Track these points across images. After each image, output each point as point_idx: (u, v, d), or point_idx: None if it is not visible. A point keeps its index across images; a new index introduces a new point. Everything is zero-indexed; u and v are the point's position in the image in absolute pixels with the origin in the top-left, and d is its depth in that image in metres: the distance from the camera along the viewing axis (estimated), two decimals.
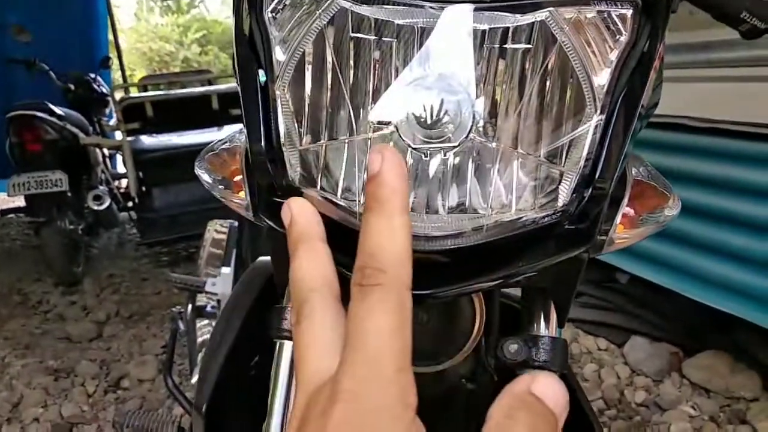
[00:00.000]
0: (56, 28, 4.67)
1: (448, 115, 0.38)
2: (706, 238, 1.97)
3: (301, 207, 0.38)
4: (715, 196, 1.94)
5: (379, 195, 0.32)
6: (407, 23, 0.38)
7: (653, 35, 0.41)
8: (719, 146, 1.95)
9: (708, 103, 2.02)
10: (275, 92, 0.41)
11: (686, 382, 2.09)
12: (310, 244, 0.36)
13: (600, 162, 0.40)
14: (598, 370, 2.20)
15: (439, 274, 0.41)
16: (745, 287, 1.83)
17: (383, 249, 0.32)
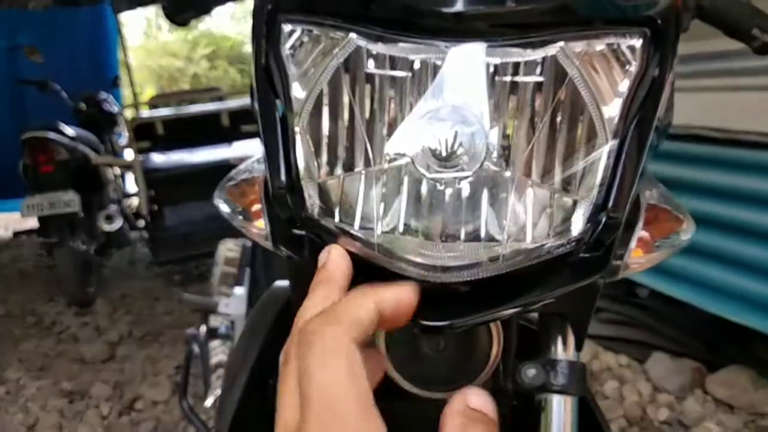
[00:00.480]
0: (67, 49, 4.72)
1: (462, 147, 0.38)
2: (724, 250, 1.94)
3: (338, 256, 0.40)
4: (735, 207, 1.91)
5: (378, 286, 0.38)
6: (422, 59, 0.39)
7: (663, 62, 0.42)
8: (738, 157, 1.92)
9: (726, 113, 2.00)
10: (294, 128, 0.42)
11: (709, 399, 2.05)
12: (328, 288, 0.38)
13: (613, 191, 0.41)
14: (619, 388, 2.16)
15: (456, 305, 0.41)
16: (763, 300, 1.79)
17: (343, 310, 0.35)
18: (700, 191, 2.03)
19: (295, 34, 0.42)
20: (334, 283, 0.39)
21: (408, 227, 0.41)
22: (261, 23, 0.44)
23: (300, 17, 0.42)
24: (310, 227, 0.44)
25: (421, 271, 0.40)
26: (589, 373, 2.26)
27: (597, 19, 0.40)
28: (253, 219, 0.52)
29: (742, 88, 1.98)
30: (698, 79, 2.08)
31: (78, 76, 4.56)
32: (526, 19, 0.38)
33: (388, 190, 0.41)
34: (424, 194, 0.40)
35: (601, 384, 2.19)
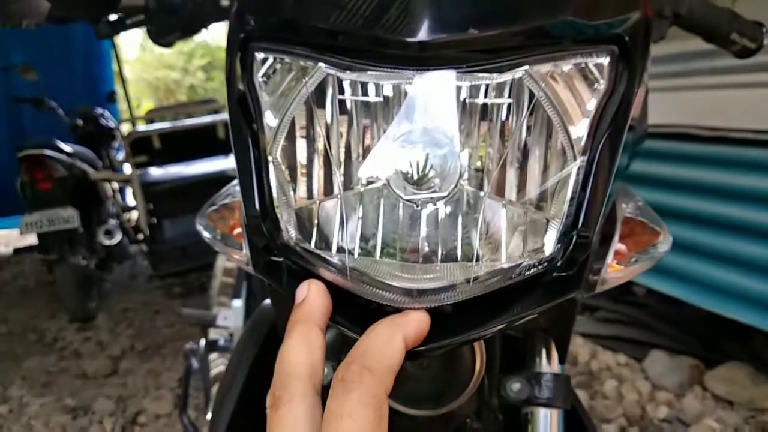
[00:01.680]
0: (62, 66, 4.75)
1: (434, 169, 0.39)
2: (718, 248, 1.95)
3: (316, 292, 0.40)
4: (726, 205, 1.92)
5: (399, 317, 0.38)
6: (392, 84, 0.39)
7: (631, 79, 0.42)
8: (728, 155, 1.93)
9: (715, 111, 2.01)
10: (267, 156, 0.43)
11: (708, 395, 2.05)
12: (307, 327, 0.38)
13: (582, 209, 0.41)
14: (618, 387, 2.17)
15: (434, 328, 0.41)
16: (759, 297, 1.81)
17: (378, 352, 0.34)
18: (692, 189, 2.04)
19: (267, 62, 0.43)
20: (312, 323, 0.39)
21: (385, 249, 0.41)
22: (234, 51, 0.44)
23: (272, 46, 0.42)
24: (287, 254, 0.44)
25: (397, 296, 0.40)
26: (589, 373, 2.28)
27: (564, 39, 0.40)
28: (235, 243, 0.52)
29: (729, 86, 1.99)
30: (686, 77, 2.09)
31: (74, 92, 4.59)
32: (489, 44, 0.38)
33: (364, 214, 0.41)
34: (400, 216, 0.40)
35: (601, 383, 2.20)
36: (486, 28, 0.37)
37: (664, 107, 2.16)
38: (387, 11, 0.37)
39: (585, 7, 0.39)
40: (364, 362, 0.34)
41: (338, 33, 0.39)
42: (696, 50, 2.01)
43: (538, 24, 0.38)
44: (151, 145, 3.60)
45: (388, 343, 0.36)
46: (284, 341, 0.38)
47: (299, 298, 0.40)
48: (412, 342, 0.38)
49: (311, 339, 0.37)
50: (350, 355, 0.35)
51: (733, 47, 0.76)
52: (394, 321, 0.38)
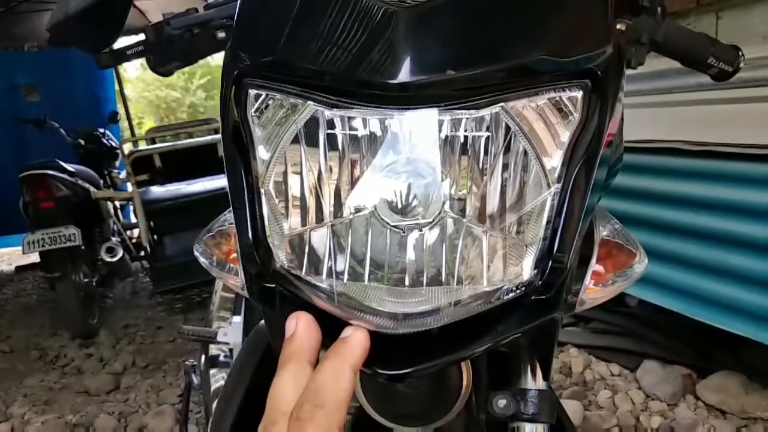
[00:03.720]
0: (64, 86, 4.82)
1: (417, 198, 0.41)
2: (706, 259, 1.98)
3: (305, 324, 0.42)
4: (714, 217, 1.96)
5: (341, 348, 0.39)
6: (377, 119, 0.41)
7: (603, 110, 0.44)
8: (716, 168, 1.97)
9: (702, 126, 2.05)
10: (260, 188, 0.45)
11: (701, 405, 2.08)
12: (299, 364, 0.40)
13: (557, 236, 0.43)
14: (612, 397, 2.20)
15: (418, 350, 0.44)
16: (748, 307, 1.84)
17: (327, 388, 0.37)
18: (680, 203, 2.08)
19: (260, 98, 0.45)
20: (303, 359, 0.40)
21: (373, 274, 0.43)
22: (229, 85, 0.47)
23: (265, 83, 0.44)
24: (279, 281, 0.46)
25: (384, 320, 0.43)
26: (583, 383, 2.30)
27: (538, 75, 0.41)
28: (231, 268, 0.54)
29: (715, 101, 2.04)
30: (673, 93, 2.14)
31: (76, 113, 4.66)
32: (466, 84, 0.40)
33: (353, 241, 0.43)
34: (387, 242, 0.42)
35: (595, 394, 2.23)
36: (463, 68, 0.39)
37: (652, 123, 2.20)
38: (370, 54, 0.39)
39: (558, 45, 0.42)
40: (316, 400, 0.36)
41: (325, 74, 0.41)
42: (682, 67, 2.06)
43: (513, 63, 0.40)
44: (153, 164, 3.66)
45: (337, 378, 0.38)
46: (276, 376, 0.40)
47: (289, 331, 0.42)
48: (360, 362, 0.40)
49: (301, 376, 0.39)
50: (303, 394, 0.37)
51: (710, 71, 0.77)
52: (338, 353, 0.40)
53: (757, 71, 1.98)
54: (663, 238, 2.14)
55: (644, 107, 2.29)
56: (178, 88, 14.89)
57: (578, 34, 0.43)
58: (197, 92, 14.92)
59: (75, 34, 0.77)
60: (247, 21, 0.48)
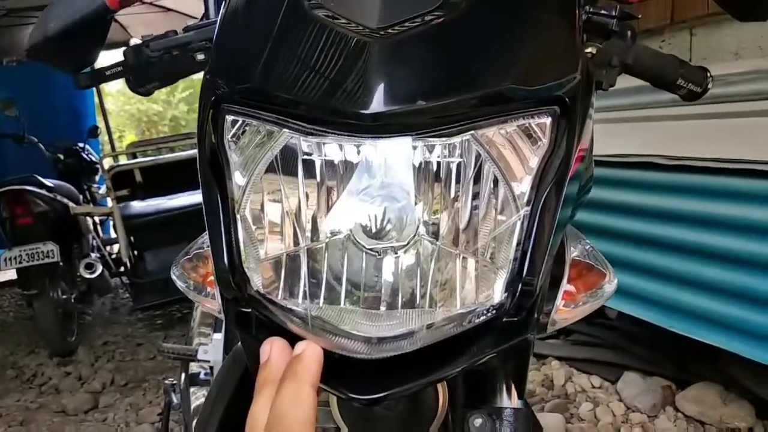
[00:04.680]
0: (43, 101, 4.77)
1: (391, 222, 0.42)
2: (683, 272, 2.01)
3: (278, 350, 0.43)
4: (689, 230, 1.99)
5: (296, 367, 0.40)
6: (352, 146, 0.42)
7: (570, 136, 0.45)
8: (689, 182, 2.01)
9: (677, 141, 2.09)
10: (236, 214, 0.45)
11: (681, 416, 2.10)
12: (272, 390, 0.40)
13: (527, 259, 0.44)
14: (593, 409, 2.21)
15: (398, 373, 0.44)
16: (723, 318, 1.87)
17: (289, 413, 0.38)
18: (656, 216, 2.12)
19: (237, 124, 0.45)
20: (277, 384, 0.41)
21: (349, 297, 0.43)
22: (206, 111, 0.47)
23: (241, 109, 0.45)
24: (255, 306, 0.47)
25: (358, 344, 0.43)
26: (565, 396, 2.32)
27: (507, 104, 0.42)
28: (208, 291, 0.55)
29: (690, 116, 2.08)
30: (649, 109, 2.18)
31: (56, 127, 4.62)
32: (437, 113, 0.41)
33: (329, 264, 0.43)
34: (363, 265, 0.43)
35: (576, 406, 2.24)
36: (433, 99, 0.40)
37: (629, 137, 2.24)
38: (344, 83, 0.40)
39: (527, 73, 0.43)
40: (280, 428, 0.37)
41: (300, 103, 0.42)
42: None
43: (482, 93, 0.41)
44: (133, 179, 3.63)
45: (296, 401, 0.38)
46: (253, 403, 0.41)
47: (263, 357, 0.43)
48: (318, 377, 0.41)
49: None
50: (268, 422, 0.38)
51: (679, 91, 0.78)
52: (294, 374, 0.40)
53: (730, 87, 2.03)
54: (640, 251, 2.17)
55: (621, 122, 2.33)
56: (160, 101, 14.80)
57: (547, 62, 0.44)
58: (179, 105, 14.84)
59: (54, 54, 0.77)
60: (225, 47, 0.49)
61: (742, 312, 1.81)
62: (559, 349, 2.60)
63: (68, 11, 0.72)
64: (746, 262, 1.81)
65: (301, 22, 0.43)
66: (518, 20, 0.45)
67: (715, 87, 2.05)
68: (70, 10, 0.72)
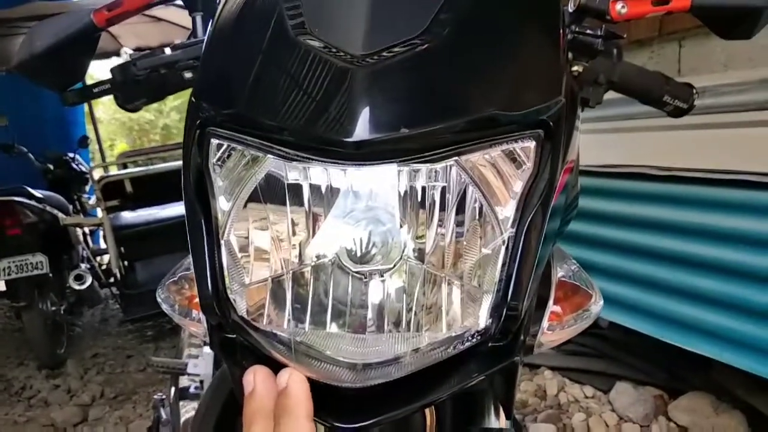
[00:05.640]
0: (33, 110, 4.75)
1: (376, 246, 0.42)
2: (674, 282, 2.02)
3: (262, 381, 0.42)
4: (680, 241, 2.00)
5: (287, 403, 0.39)
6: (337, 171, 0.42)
7: (554, 159, 0.45)
8: (679, 193, 2.02)
9: (668, 151, 2.11)
10: (220, 240, 0.45)
11: (673, 426, 2.10)
12: (263, 422, 0.40)
13: (511, 284, 0.44)
14: (586, 420, 2.21)
15: (383, 399, 0.44)
16: (714, 329, 1.87)
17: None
18: (647, 226, 2.12)
19: (222, 148, 0.45)
20: (266, 415, 0.41)
21: (335, 321, 0.42)
22: (192, 135, 0.47)
23: (227, 133, 0.45)
24: (239, 332, 0.46)
25: (343, 371, 0.43)
26: (558, 406, 2.32)
27: (491, 130, 0.42)
28: (194, 315, 0.54)
29: (681, 127, 2.09)
30: (640, 119, 2.19)
31: (45, 138, 4.60)
32: (421, 141, 0.41)
33: (315, 288, 0.43)
34: (349, 288, 0.42)
35: (569, 417, 2.24)
36: (416, 126, 0.40)
37: (620, 148, 2.25)
38: (327, 111, 0.40)
39: (510, 99, 0.42)
40: None
41: (285, 129, 0.41)
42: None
43: (466, 120, 0.41)
44: (123, 189, 3.61)
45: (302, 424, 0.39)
46: None
47: (247, 387, 0.42)
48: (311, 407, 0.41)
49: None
50: None
51: (666, 108, 0.80)
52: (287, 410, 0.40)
53: (719, 98, 2.05)
54: (631, 261, 2.18)
55: (611, 132, 2.35)
56: (152, 110, 14.75)
57: (531, 85, 0.44)
58: (171, 114, 14.82)
59: (41, 71, 0.77)
60: (211, 71, 0.49)
61: (734, 322, 1.82)
62: (551, 359, 2.60)
63: (55, 29, 0.72)
64: (738, 272, 1.82)
65: (286, 48, 0.43)
66: (502, 45, 0.45)
67: (705, 98, 2.07)
68: (57, 27, 0.72)
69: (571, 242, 2.44)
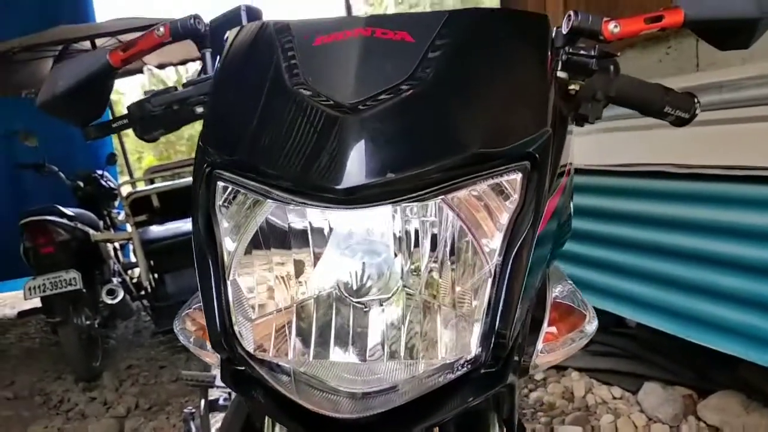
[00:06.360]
0: (61, 131, 4.84)
1: (372, 279, 0.44)
2: (699, 281, 2.00)
3: None
4: (703, 239, 1.98)
5: None
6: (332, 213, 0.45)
7: (540, 189, 0.46)
8: (700, 190, 2.00)
9: (687, 149, 2.08)
10: (227, 279, 0.48)
11: (703, 425, 2.08)
12: None
13: (498, 312, 0.45)
14: (614, 421, 2.20)
15: (381, 424, 0.46)
16: (740, 328, 1.85)
17: None
18: (669, 225, 2.11)
19: (227, 191, 0.48)
20: None
21: (337, 349, 0.45)
22: (200, 179, 0.50)
23: (231, 177, 0.48)
24: (246, 365, 0.49)
25: (344, 401, 0.45)
26: (585, 408, 2.31)
27: (476, 166, 0.44)
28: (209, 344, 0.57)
29: (701, 123, 2.06)
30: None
31: (74, 156, 4.71)
32: (408, 184, 0.43)
33: (316, 320, 0.46)
34: (351, 319, 0.45)
35: (597, 419, 2.23)
36: (402, 170, 0.42)
37: (639, 146, 2.24)
38: (319, 159, 0.43)
39: (494, 137, 0.44)
40: None
41: (282, 177, 0.45)
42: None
43: (450, 162, 0.43)
44: (150, 204, 3.70)
45: None
46: None
47: None
48: None
49: None
50: None
51: (667, 118, 0.79)
52: None
53: (738, 92, 2.02)
54: (655, 261, 2.16)
55: (630, 130, 2.33)
56: None
57: (515, 121, 0.46)
58: (195, 125, 15.01)
59: (63, 109, 0.81)
60: (216, 120, 0.52)
61: (758, 320, 1.80)
62: (579, 360, 2.58)
63: (75, 70, 0.76)
64: (762, 270, 1.80)
65: (283, 97, 0.46)
66: (486, 83, 0.47)
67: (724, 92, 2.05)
68: (77, 69, 0.76)
69: (594, 244, 2.43)
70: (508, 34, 0.51)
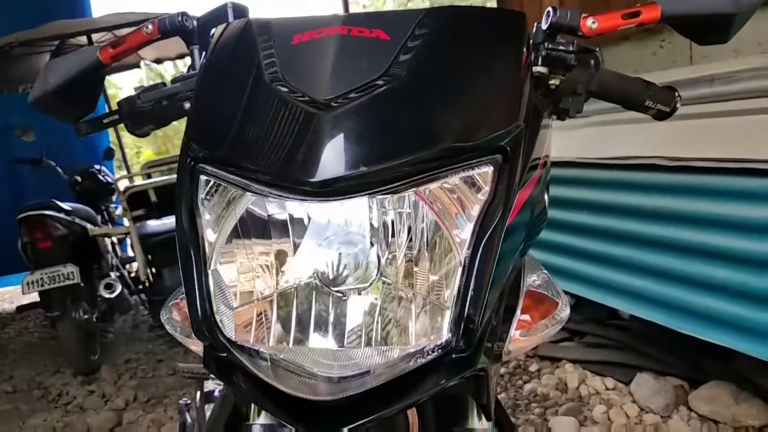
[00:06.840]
0: (58, 125, 4.85)
1: (348, 268, 0.46)
2: (692, 273, 2.02)
3: None
4: (695, 231, 2.00)
5: None
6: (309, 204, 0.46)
7: (510, 182, 0.48)
8: (691, 183, 2.02)
9: (678, 142, 2.10)
10: (208, 270, 0.50)
11: (694, 416, 2.11)
12: None
13: (468, 300, 0.47)
14: (607, 411, 2.22)
15: (355, 408, 0.48)
16: (733, 319, 1.87)
17: None
18: (661, 217, 2.12)
19: (209, 184, 0.50)
20: None
21: (316, 336, 0.46)
22: (185, 174, 0.52)
23: (213, 171, 0.49)
24: (227, 352, 0.51)
25: (322, 384, 0.47)
26: (579, 398, 2.33)
27: (448, 160, 0.45)
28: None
29: (691, 116, 2.09)
30: None
31: (72, 151, 4.72)
32: (380, 176, 0.44)
33: (296, 307, 0.47)
34: (330, 306, 0.47)
35: (590, 409, 2.25)
36: (374, 164, 0.44)
37: (629, 139, 2.25)
38: (296, 154, 0.44)
39: (466, 131, 0.46)
40: None
41: (261, 171, 0.46)
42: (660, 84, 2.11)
43: (421, 155, 0.45)
44: (148, 199, 3.71)
45: None
46: None
47: None
48: None
49: None
50: None
51: (649, 112, 0.81)
52: None
53: (729, 85, 2.03)
54: (647, 253, 2.18)
55: (621, 124, 2.35)
56: None
57: (488, 116, 0.48)
58: None
59: (55, 106, 0.82)
60: (199, 116, 0.54)
61: (749, 312, 1.82)
62: (572, 352, 2.61)
63: (66, 67, 0.78)
64: (754, 262, 1.81)
65: (262, 95, 0.48)
66: (460, 79, 0.48)
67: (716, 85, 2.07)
68: (68, 66, 0.78)
69: (587, 236, 2.45)
70: (483, 31, 0.52)
